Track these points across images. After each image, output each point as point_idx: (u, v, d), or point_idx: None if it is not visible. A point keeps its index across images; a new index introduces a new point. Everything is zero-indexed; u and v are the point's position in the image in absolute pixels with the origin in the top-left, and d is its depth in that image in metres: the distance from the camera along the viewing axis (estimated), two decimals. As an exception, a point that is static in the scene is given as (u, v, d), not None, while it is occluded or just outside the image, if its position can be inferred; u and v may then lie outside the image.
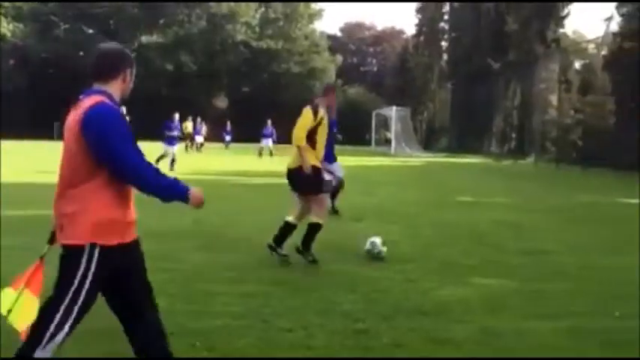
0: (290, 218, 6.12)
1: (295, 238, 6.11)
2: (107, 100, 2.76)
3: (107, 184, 2.72)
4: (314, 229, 6.06)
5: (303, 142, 5.91)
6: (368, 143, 45.63)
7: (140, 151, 2.75)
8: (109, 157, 2.68)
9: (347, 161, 25.48)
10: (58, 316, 2.67)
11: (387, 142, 41.31)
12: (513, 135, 41.09)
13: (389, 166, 24.45)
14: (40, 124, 45.43)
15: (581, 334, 4.09)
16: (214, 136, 36.40)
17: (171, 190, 2.79)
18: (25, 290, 2.82)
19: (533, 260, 6.47)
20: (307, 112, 5.99)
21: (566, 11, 39.92)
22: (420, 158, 33.18)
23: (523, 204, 11.24)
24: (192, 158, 24.94)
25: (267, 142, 28.47)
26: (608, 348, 3.85)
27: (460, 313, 4.51)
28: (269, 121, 28.70)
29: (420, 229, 8.42)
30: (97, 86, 2.82)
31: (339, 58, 67.34)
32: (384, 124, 43.35)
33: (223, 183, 14.53)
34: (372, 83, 67.92)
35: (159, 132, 18.78)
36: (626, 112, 24.95)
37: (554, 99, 36.19)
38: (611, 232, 8.72)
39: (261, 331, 3.97)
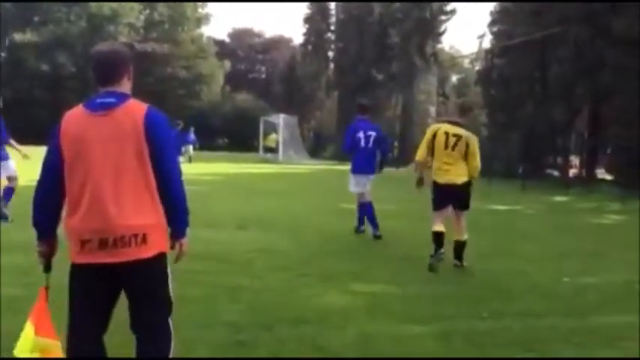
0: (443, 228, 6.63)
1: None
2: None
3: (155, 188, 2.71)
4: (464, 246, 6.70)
5: None
6: (256, 150, 45.52)
7: None
8: (164, 164, 2.67)
9: (234, 168, 25.31)
10: (171, 329, 2.86)
11: (269, 149, 41.33)
12: (396, 143, 42.77)
13: (276, 174, 24.55)
14: None
15: (451, 336, 4.32)
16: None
17: (187, 218, 2.85)
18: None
19: (412, 265, 6.73)
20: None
21: (443, 27, 42.19)
22: (307, 165, 33.58)
23: (404, 211, 11.73)
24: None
25: None
26: (476, 349, 4.09)
27: (340, 320, 4.61)
28: None
29: (303, 237, 8.48)
30: (109, 89, 2.67)
31: (228, 63, 66.76)
32: (272, 131, 43.38)
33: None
34: (261, 90, 67.88)
35: (31, 136, 17.70)
36: (496, 124, 26.82)
37: (432, 110, 38.14)
38: (480, 237, 9.27)
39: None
